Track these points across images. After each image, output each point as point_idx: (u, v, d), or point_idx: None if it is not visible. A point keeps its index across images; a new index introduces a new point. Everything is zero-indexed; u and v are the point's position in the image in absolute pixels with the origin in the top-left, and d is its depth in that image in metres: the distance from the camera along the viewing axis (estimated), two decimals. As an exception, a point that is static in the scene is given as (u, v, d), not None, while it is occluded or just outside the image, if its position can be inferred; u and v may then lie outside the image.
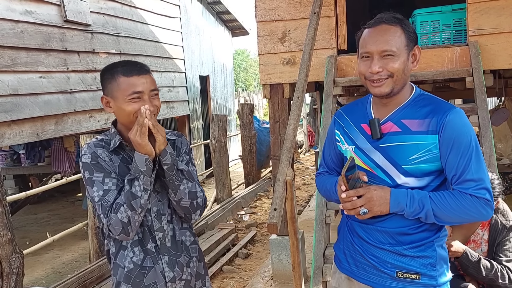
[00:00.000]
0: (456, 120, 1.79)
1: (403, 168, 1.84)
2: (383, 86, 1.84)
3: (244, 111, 9.79)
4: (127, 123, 1.99)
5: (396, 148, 1.85)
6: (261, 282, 4.86)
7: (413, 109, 1.87)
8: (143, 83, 1.96)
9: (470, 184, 1.76)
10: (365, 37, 1.88)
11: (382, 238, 1.90)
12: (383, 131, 1.88)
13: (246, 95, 28.21)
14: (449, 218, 1.79)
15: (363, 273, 1.97)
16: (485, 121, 3.46)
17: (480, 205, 1.76)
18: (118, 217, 1.89)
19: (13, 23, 5.51)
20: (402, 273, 1.87)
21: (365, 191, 1.82)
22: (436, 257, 1.87)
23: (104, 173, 1.96)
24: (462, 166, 1.77)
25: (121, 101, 1.95)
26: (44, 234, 5.33)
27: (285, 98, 4.57)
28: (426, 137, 1.81)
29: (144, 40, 8.76)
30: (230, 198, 8.45)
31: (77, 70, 6.64)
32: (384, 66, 1.82)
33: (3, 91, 5.25)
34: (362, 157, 1.93)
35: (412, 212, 1.80)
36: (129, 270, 2.01)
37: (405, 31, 1.84)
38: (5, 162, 8.37)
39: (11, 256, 3.70)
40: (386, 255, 1.90)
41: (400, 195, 1.81)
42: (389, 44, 1.82)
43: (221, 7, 13.16)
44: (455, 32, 4.24)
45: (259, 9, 4.54)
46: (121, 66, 1.98)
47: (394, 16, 1.88)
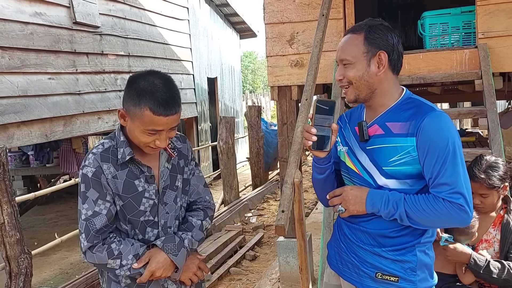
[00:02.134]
0: (432, 124, 1.79)
1: (384, 170, 1.88)
2: (348, 94, 1.94)
3: (251, 113, 9.78)
4: (135, 142, 1.92)
5: (379, 150, 1.89)
6: (268, 284, 4.85)
7: (398, 112, 1.90)
8: (166, 123, 1.83)
9: (443, 188, 1.77)
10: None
11: (364, 238, 1.96)
12: (370, 134, 1.93)
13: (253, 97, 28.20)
14: (422, 221, 1.81)
15: (346, 271, 2.03)
16: (494, 124, 3.44)
17: (453, 209, 1.76)
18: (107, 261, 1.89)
19: (22, 25, 5.55)
20: (381, 274, 1.91)
21: (341, 191, 1.94)
22: (416, 262, 1.88)
23: (100, 193, 1.88)
24: (437, 169, 1.77)
25: (138, 128, 1.85)
26: (52, 234, 5.35)
27: (293, 100, 4.57)
28: (405, 139, 1.83)
29: (152, 42, 8.78)
30: (237, 200, 8.44)
31: (86, 71, 6.68)
32: (344, 74, 1.91)
33: (13, 92, 5.28)
34: (352, 158, 1.99)
35: (387, 213, 1.84)
36: (127, 285, 1.98)
37: (366, 38, 1.88)
38: (14, 163, 8.41)
39: (19, 257, 3.72)
40: (367, 255, 1.94)
41: (376, 196, 1.87)
42: (344, 53, 1.91)
43: (229, 9, 13.18)
44: (464, 35, 4.22)
45: (268, 11, 4.54)
46: (152, 98, 1.80)
47: (364, 24, 1.93)
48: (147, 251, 1.94)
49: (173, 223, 2.05)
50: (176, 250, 1.96)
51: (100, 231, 1.88)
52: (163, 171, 2.01)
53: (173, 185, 2.04)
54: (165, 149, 2.03)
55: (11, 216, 3.66)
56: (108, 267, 1.90)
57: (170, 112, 1.82)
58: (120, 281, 1.98)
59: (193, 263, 2.08)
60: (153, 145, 1.88)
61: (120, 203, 1.93)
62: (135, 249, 1.91)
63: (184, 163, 2.11)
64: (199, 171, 2.19)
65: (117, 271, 1.91)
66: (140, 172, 1.95)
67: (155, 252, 1.94)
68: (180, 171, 2.08)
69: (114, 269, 1.90)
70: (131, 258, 1.89)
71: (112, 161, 1.91)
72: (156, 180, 1.99)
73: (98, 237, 1.88)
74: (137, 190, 1.94)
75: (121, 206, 1.93)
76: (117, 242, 1.90)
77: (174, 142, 2.08)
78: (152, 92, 1.80)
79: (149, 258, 1.92)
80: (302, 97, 3.38)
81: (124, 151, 1.92)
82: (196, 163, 2.19)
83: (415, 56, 4.04)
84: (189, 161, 2.14)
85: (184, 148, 2.13)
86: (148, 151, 1.93)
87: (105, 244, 1.88)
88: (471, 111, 3.72)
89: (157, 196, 1.99)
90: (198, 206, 2.16)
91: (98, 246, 1.88)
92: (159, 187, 2.00)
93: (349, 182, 2.03)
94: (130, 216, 1.95)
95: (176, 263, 1.96)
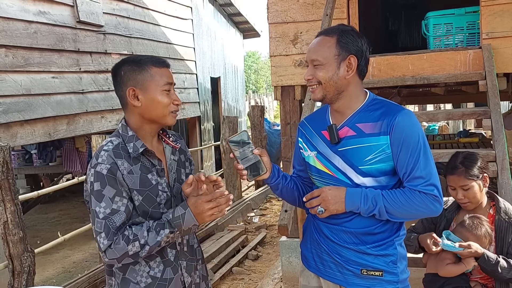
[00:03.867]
0: (404, 122, 1.90)
1: (360, 169, 1.95)
2: (315, 92, 2.02)
3: (254, 113, 9.78)
4: (157, 117, 1.94)
5: (352, 151, 1.96)
6: (270, 284, 4.85)
7: (367, 113, 1.99)
8: (170, 75, 1.98)
9: (419, 181, 1.89)
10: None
11: (347, 238, 2.01)
12: (340, 136, 2.00)
13: (256, 97, 28.22)
14: (400, 214, 1.91)
15: (329, 271, 2.07)
16: (498, 125, 3.43)
17: (429, 200, 1.88)
18: (127, 248, 1.82)
19: (26, 24, 5.56)
20: (366, 271, 1.98)
21: (320, 192, 1.98)
22: (397, 255, 1.99)
23: (116, 190, 1.85)
24: (412, 164, 1.89)
25: (155, 92, 1.92)
26: (55, 233, 5.35)
27: (297, 100, 4.57)
28: (378, 138, 1.92)
29: (156, 42, 8.79)
30: (240, 199, 8.45)
31: (89, 70, 6.68)
32: (313, 74, 1.99)
33: (16, 91, 5.29)
34: (323, 161, 2.04)
35: (366, 210, 1.92)
36: (146, 285, 1.95)
37: (339, 41, 1.96)
38: (17, 162, 8.42)
39: (22, 255, 3.73)
40: (351, 253, 2.00)
41: (354, 194, 1.93)
42: (316, 54, 1.99)
43: (233, 9, 13.18)
44: (468, 35, 4.21)
45: (271, 11, 4.54)
46: (148, 58, 1.96)
47: (336, 28, 2.02)
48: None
49: None
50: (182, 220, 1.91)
51: (120, 228, 1.85)
52: (170, 164, 2.03)
53: (179, 178, 2.07)
54: (167, 143, 2.05)
55: (14, 215, 3.67)
56: (131, 254, 1.84)
57: (168, 64, 2.00)
58: (139, 281, 1.94)
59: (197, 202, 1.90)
60: (173, 106, 1.97)
61: (139, 198, 1.90)
62: (146, 225, 1.87)
63: (184, 158, 2.15)
64: (193, 169, 2.23)
65: (140, 253, 1.85)
66: (152, 165, 1.96)
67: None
68: (183, 166, 2.12)
69: (137, 253, 1.85)
70: (145, 233, 1.84)
71: (125, 157, 1.90)
72: (165, 174, 2.01)
73: (117, 234, 1.84)
74: (152, 183, 1.94)
75: (141, 201, 1.91)
76: (128, 228, 1.86)
77: (176, 137, 2.12)
78: (144, 56, 1.99)
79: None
80: (305, 96, 3.38)
81: (135, 144, 1.92)
82: (190, 161, 2.23)
83: (419, 56, 4.04)
84: (188, 157, 2.18)
85: (182, 144, 2.16)
86: (171, 118, 1.98)
87: (119, 235, 1.85)
88: (475, 112, 3.72)
89: (169, 189, 2.00)
90: None
91: (116, 241, 1.85)
92: (169, 180, 2.01)
93: (321, 184, 2.07)
94: (151, 209, 1.93)
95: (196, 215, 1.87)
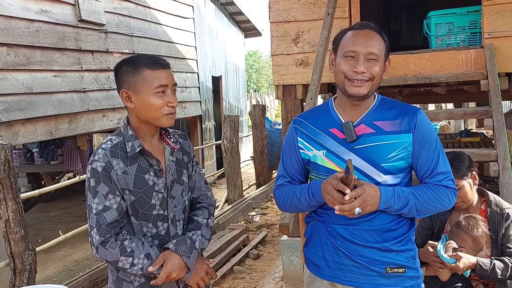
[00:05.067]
0: (425, 120, 1.97)
1: (382, 166, 1.92)
2: (363, 88, 1.92)
3: (256, 112, 9.78)
4: (150, 119, 1.95)
5: (372, 148, 1.93)
6: (271, 283, 4.85)
7: (382, 112, 1.99)
8: (167, 76, 1.94)
9: (441, 177, 1.95)
10: (352, 38, 1.95)
11: (369, 237, 1.96)
12: (358, 133, 1.95)
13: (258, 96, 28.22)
14: (427, 210, 1.96)
15: (350, 276, 1.99)
16: (499, 124, 3.42)
17: (450, 194, 1.96)
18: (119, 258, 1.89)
19: (28, 22, 5.56)
20: (390, 269, 1.95)
21: (362, 191, 1.84)
22: (415, 249, 2.03)
23: (110, 188, 1.90)
24: (434, 160, 1.94)
25: (147, 95, 1.91)
26: (56, 232, 5.36)
27: (298, 99, 4.57)
28: (399, 136, 1.93)
29: (157, 40, 8.79)
30: (241, 198, 8.45)
31: (91, 69, 6.69)
32: (368, 69, 1.90)
33: (18, 89, 5.30)
34: (335, 160, 1.98)
35: (398, 209, 1.91)
36: (140, 284, 1.99)
37: (385, 40, 1.96)
38: (19, 160, 8.43)
39: (24, 253, 3.73)
40: (374, 253, 1.96)
41: (388, 193, 1.89)
42: (375, 48, 1.92)
43: (234, 8, 13.18)
44: (470, 35, 4.21)
45: (273, 10, 4.54)
46: (144, 59, 1.94)
47: (376, 26, 1.99)
48: (160, 254, 1.95)
49: (181, 216, 2.07)
50: (189, 252, 1.99)
51: (112, 225, 1.88)
52: (169, 165, 2.03)
53: (179, 179, 2.06)
54: (167, 143, 2.04)
55: (15, 213, 3.67)
56: (119, 265, 1.90)
57: (165, 65, 1.96)
58: (133, 280, 1.98)
59: (202, 267, 2.09)
60: (168, 108, 1.93)
61: (131, 199, 1.93)
62: (146, 248, 1.92)
63: (187, 159, 2.13)
64: (199, 169, 2.22)
65: (128, 270, 1.91)
66: (149, 166, 1.97)
67: (169, 254, 1.95)
68: (185, 166, 2.11)
69: (124, 268, 1.91)
70: (143, 257, 1.90)
71: (121, 157, 1.93)
72: (163, 174, 2.01)
73: (110, 231, 1.88)
74: (148, 184, 1.96)
75: (133, 201, 1.94)
76: (129, 240, 1.90)
77: (177, 138, 2.11)
78: (142, 57, 1.96)
79: (163, 261, 1.93)
80: (307, 96, 3.38)
81: (133, 144, 1.94)
82: (196, 161, 2.22)
83: (421, 56, 4.04)
84: (191, 157, 2.17)
85: (186, 144, 2.15)
86: (166, 120, 1.96)
87: (117, 240, 1.89)
88: (477, 112, 3.72)
89: (165, 190, 2.00)
90: (202, 204, 2.19)
91: (111, 242, 1.88)
92: (167, 181, 2.01)
93: None
94: (143, 211, 1.96)
95: (189, 265, 1.99)
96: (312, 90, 3.38)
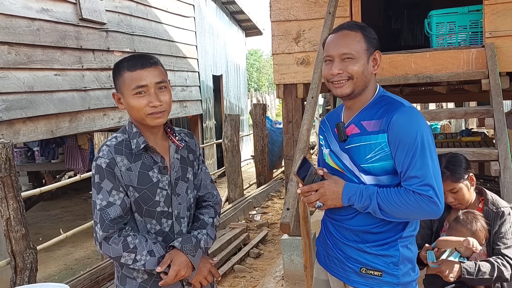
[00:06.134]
0: (401, 119, 1.86)
1: (362, 167, 1.93)
2: (344, 87, 1.95)
3: (256, 111, 9.78)
4: (138, 119, 1.96)
5: (355, 149, 1.95)
6: (272, 282, 4.86)
7: (372, 111, 1.97)
8: (146, 76, 1.91)
9: (414, 181, 1.83)
10: (328, 42, 2.02)
11: (348, 235, 2.00)
12: (347, 133, 1.99)
13: (258, 95, 28.21)
14: (394, 213, 1.86)
15: (333, 266, 2.09)
16: (500, 124, 3.42)
17: (423, 201, 1.81)
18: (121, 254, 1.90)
19: (29, 21, 5.57)
20: (366, 269, 1.97)
21: (319, 186, 1.94)
22: (399, 256, 1.94)
23: (114, 184, 1.91)
24: (407, 163, 1.84)
25: (128, 97, 1.93)
26: (57, 230, 5.37)
27: (299, 98, 4.57)
28: (377, 136, 1.90)
29: (158, 39, 8.79)
30: (242, 197, 8.45)
31: (92, 68, 6.69)
32: (344, 69, 1.93)
33: (19, 88, 5.30)
34: (334, 159, 2.04)
35: (361, 207, 1.90)
36: (143, 281, 2.00)
37: (365, 36, 1.96)
38: (20, 159, 8.44)
39: (25, 252, 3.73)
40: (351, 251, 2.00)
41: (350, 190, 1.92)
42: (348, 48, 1.93)
43: (235, 7, 13.17)
44: (471, 34, 4.20)
45: (274, 9, 4.53)
46: (126, 61, 1.95)
47: (356, 23, 2.01)
48: (167, 254, 1.96)
49: (185, 214, 2.08)
50: (194, 251, 2.00)
51: (115, 221, 1.90)
52: (173, 162, 2.04)
53: (184, 176, 2.07)
54: (172, 141, 2.05)
55: (16, 212, 3.67)
56: (122, 261, 1.91)
57: (146, 64, 1.92)
58: (136, 277, 1.99)
59: (205, 267, 2.10)
60: (150, 108, 1.91)
61: (135, 195, 1.95)
62: (149, 245, 1.93)
63: (193, 157, 2.14)
64: (205, 168, 2.23)
65: (131, 266, 1.92)
66: (154, 163, 1.98)
67: (175, 253, 1.97)
68: (190, 164, 2.12)
69: (127, 264, 1.91)
70: (146, 254, 1.91)
71: (125, 154, 1.94)
72: (168, 171, 2.02)
73: (113, 227, 1.89)
74: (152, 181, 1.97)
75: (137, 198, 1.95)
76: (133, 236, 1.92)
77: (183, 136, 2.12)
78: (127, 59, 1.96)
79: (170, 260, 1.95)
80: (308, 95, 3.38)
81: (138, 141, 1.96)
82: (203, 160, 2.23)
83: (422, 55, 4.03)
84: (197, 156, 2.18)
85: (192, 143, 2.16)
86: (151, 120, 1.94)
87: (120, 236, 1.90)
88: (478, 111, 3.71)
89: (170, 187, 2.02)
90: (208, 202, 2.20)
91: (114, 237, 1.89)
92: (171, 178, 2.02)
93: None
94: (147, 207, 1.97)
95: (194, 263, 2.00)
96: (313, 89, 3.38)
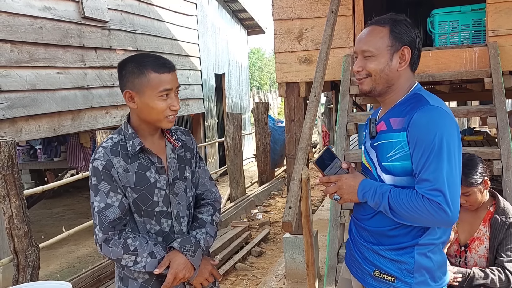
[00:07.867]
0: (421, 119, 1.76)
1: (383, 165, 1.87)
2: (363, 85, 1.93)
3: (259, 109, 9.78)
4: (152, 120, 1.95)
5: (381, 146, 1.88)
6: (274, 280, 4.86)
7: (401, 108, 1.87)
8: (172, 80, 1.93)
9: (424, 184, 1.72)
10: (357, 37, 1.98)
11: (365, 236, 1.97)
12: (377, 130, 1.93)
13: (260, 94, 28.20)
14: (403, 216, 1.77)
15: (353, 266, 2.05)
16: (503, 123, 3.42)
17: (431, 207, 1.70)
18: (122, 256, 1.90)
19: (32, 19, 5.57)
20: (379, 273, 1.91)
21: (337, 179, 1.91)
22: (413, 264, 1.84)
23: (111, 185, 1.91)
24: (421, 164, 1.74)
25: (151, 98, 1.90)
26: (59, 228, 5.37)
27: (301, 97, 4.56)
28: (399, 134, 1.81)
29: (160, 38, 8.80)
30: (243, 196, 8.45)
31: (94, 66, 6.70)
32: (364, 66, 1.90)
33: (21, 86, 5.31)
34: (366, 156, 2.01)
35: (374, 204, 1.84)
36: (144, 281, 2.00)
37: (391, 32, 1.86)
38: (22, 157, 8.45)
39: (27, 249, 3.74)
40: (367, 252, 1.96)
41: (366, 187, 1.86)
42: (367, 45, 1.88)
43: (237, 5, 13.17)
44: (474, 33, 4.19)
45: (276, 7, 4.53)
46: (150, 61, 1.92)
47: (389, 17, 1.91)
48: (165, 256, 1.96)
49: (185, 213, 2.07)
50: (193, 251, 1.99)
51: (114, 222, 1.90)
52: (170, 162, 2.03)
53: (182, 175, 2.07)
54: (169, 140, 2.05)
55: (19, 209, 3.68)
56: (123, 263, 1.91)
57: (171, 68, 1.95)
58: (137, 277, 1.99)
59: (206, 268, 2.10)
60: (170, 111, 1.93)
61: (133, 196, 1.95)
62: (149, 247, 1.93)
63: (190, 155, 2.14)
64: (204, 165, 2.22)
65: (131, 268, 1.92)
66: (151, 163, 1.98)
67: (174, 255, 1.96)
68: (187, 163, 2.11)
69: (128, 266, 1.92)
70: (146, 256, 1.91)
71: (122, 155, 1.94)
72: (165, 171, 2.02)
73: (112, 229, 1.89)
74: (149, 181, 1.96)
75: (135, 198, 1.95)
76: (133, 238, 1.92)
77: (179, 135, 2.11)
78: (148, 58, 1.94)
79: (169, 262, 1.95)
80: (310, 93, 3.38)
81: (134, 142, 1.95)
82: (200, 157, 2.22)
83: (424, 53, 4.00)
84: (195, 154, 2.17)
85: (189, 141, 2.16)
86: (167, 123, 1.96)
87: (121, 238, 1.90)
88: (480, 110, 3.71)
89: (167, 187, 2.01)
90: (206, 200, 2.19)
91: (114, 240, 1.89)
92: (169, 178, 2.02)
93: None
94: (145, 208, 1.97)
95: (194, 264, 1.99)
96: (315, 87, 3.37)
